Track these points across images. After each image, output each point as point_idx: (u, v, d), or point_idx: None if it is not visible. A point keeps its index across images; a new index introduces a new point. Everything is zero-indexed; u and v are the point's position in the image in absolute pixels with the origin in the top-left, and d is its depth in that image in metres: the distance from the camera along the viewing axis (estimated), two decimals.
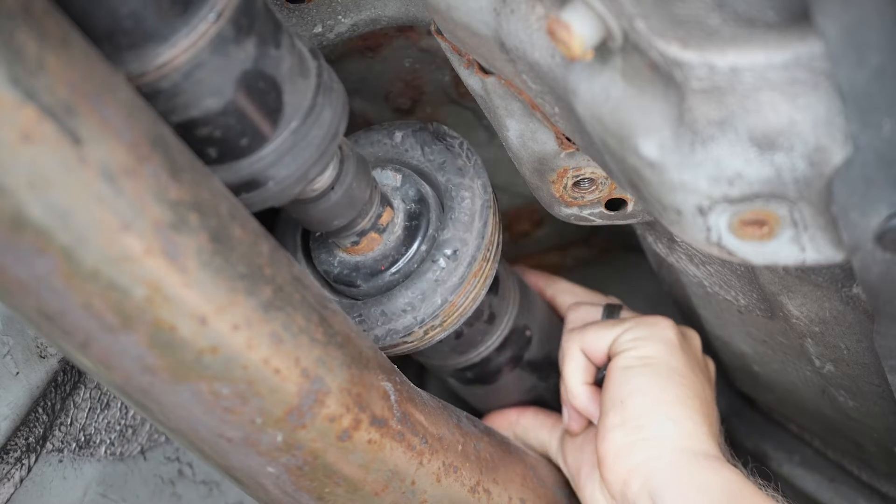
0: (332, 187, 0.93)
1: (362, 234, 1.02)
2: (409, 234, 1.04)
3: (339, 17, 1.09)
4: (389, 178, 1.07)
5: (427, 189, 1.07)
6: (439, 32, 0.95)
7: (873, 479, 1.41)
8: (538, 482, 1.17)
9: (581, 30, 0.71)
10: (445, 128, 1.09)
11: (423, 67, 1.22)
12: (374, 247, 1.04)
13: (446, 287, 1.03)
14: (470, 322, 1.14)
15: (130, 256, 0.68)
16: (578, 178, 1.03)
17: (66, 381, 1.09)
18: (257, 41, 0.78)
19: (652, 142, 0.74)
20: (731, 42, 0.67)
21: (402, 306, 1.02)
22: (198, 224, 0.72)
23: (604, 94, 0.77)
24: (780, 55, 0.65)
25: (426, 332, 1.04)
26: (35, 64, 0.62)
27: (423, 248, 1.04)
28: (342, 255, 1.05)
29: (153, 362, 0.74)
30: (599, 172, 1.01)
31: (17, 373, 1.02)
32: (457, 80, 1.21)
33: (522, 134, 0.99)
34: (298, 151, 0.84)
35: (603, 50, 0.75)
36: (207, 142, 0.80)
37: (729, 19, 0.68)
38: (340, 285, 1.06)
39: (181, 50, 0.74)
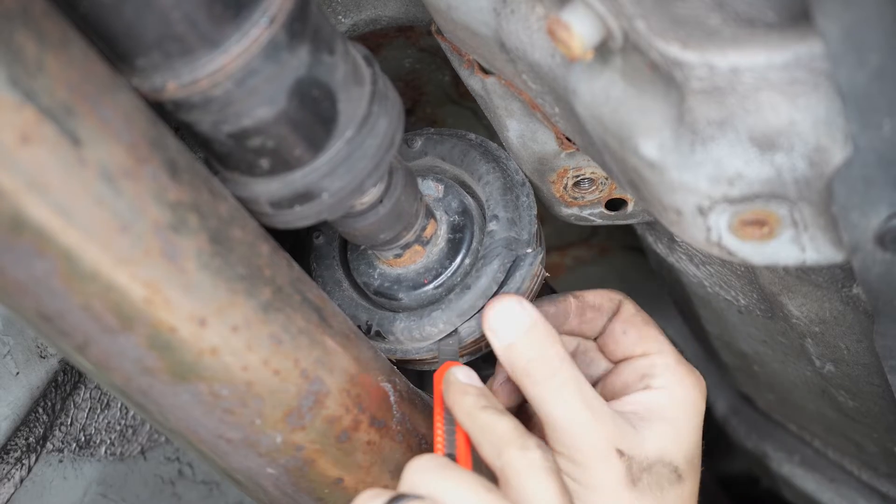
0: (380, 200, 0.90)
1: (406, 246, 0.99)
2: (453, 247, 1.01)
3: (339, 17, 1.09)
4: (431, 189, 1.03)
5: (470, 200, 1.03)
6: (440, 33, 0.95)
7: (873, 479, 1.41)
8: None
9: (581, 30, 0.71)
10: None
11: (423, 67, 1.22)
12: (416, 259, 1.01)
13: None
14: None
15: (129, 258, 0.68)
16: (578, 179, 1.03)
17: (67, 381, 1.09)
18: (311, 47, 0.75)
19: (652, 142, 0.74)
20: (732, 42, 0.67)
21: (440, 327, 0.99)
22: (197, 225, 0.71)
23: (604, 95, 0.77)
24: (781, 55, 0.65)
25: (460, 352, 1.01)
26: (34, 65, 0.62)
27: (467, 261, 1.01)
28: (383, 268, 1.02)
29: (152, 364, 0.74)
30: (599, 172, 1.01)
31: (18, 373, 1.02)
32: (457, 80, 1.21)
33: (522, 134, 0.98)
34: (353, 162, 0.81)
35: (603, 50, 0.75)
36: (260, 152, 0.77)
37: (729, 19, 0.68)
38: (380, 298, 1.03)
39: (233, 56, 0.71)
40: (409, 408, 0.94)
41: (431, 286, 1.01)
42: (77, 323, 0.70)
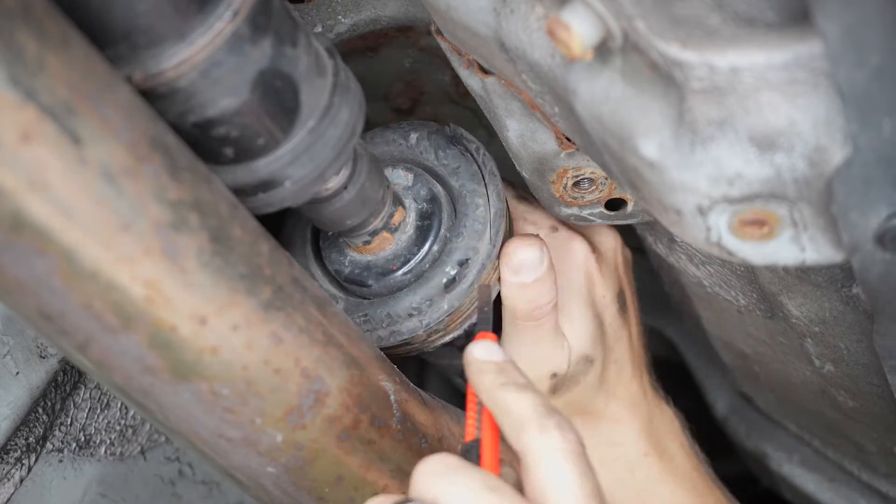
0: (345, 187, 0.93)
1: (374, 233, 1.01)
2: (421, 234, 1.04)
3: (339, 17, 1.09)
4: (401, 178, 1.06)
5: (439, 189, 1.06)
6: (439, 32, 0.95)
7: (873, 479, 1.41)
8: None
9: (581, 30, 0.71)
10: (462, 131, 1.08)
11: (423, 67, 1.22)
12: (385, 246, 1.03)
13: (454, 294, 1.02)
14: None
15: (130, 256, 0.68)
16: (578, 178, 1.03)
17: (67, 381, 1.09)
18: (274, 40, 0.78)
19: (652, 142, 0.74)
20: (731, 42, 0.67)
21: (407, 310, 1.02)
22: (198, 224, 0.72)
23: (603, 95, 0.77)
24: (780, 55, 0.65)
25: (429, 336, 1.04)
26: (35, 64, 0.62)
27: (436, 248, 1.04)
28: (353, 255, 1.05)
29: (153, 363, 0.74)
30: (599, 172, 1.01)
31: (18, 373, 1.02)
32: (457, 80, 1.21)
33: (522, 134, 0.99)
34: (315, 151, 0.83)
35: (603, 50, 0.75)
36: (224, 142, 0.80)
37: (729, 19, 0.68)
38: (351, 285, 1.05)
39: (198, 49, 0.73)
40: (409, 407, 0.94)
41: (400, 272, 1.03)
42: (78, 322, 0.70)
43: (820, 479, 1.48)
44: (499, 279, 1.06)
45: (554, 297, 1.06)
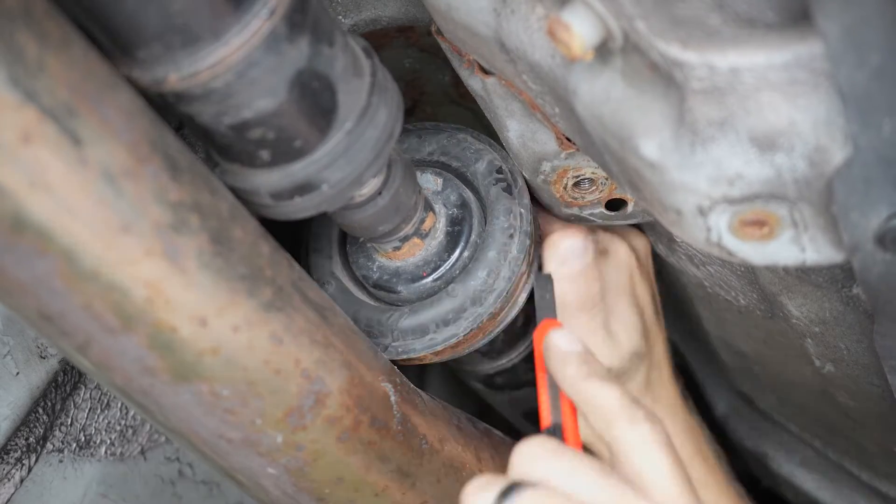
0: (379, 192, 0.91)
1: (405, 239, 1.00)
2: (452, 240, 1.02)
3: (339, 17, 1.09)
4: (430, 182, 1.04)
5: (469, 194, 1.04)
6: (440, 33, 0.95)
7: (873, 479, 1.41)
8: None
9: (581, 30, 0.71)
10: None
11: (424, 68, 1.22)
12: (415, 252, 1.01)
13: (458, 324, 1.00)
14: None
15: (131, 257, 0.68)
16: (578, 179, 1.03)
17: (67, 381, 1.09)
18: (311, 39, 0.76)
19: (652, 142, 0.74)
20: (732, 42, 0.67)
21: (414, 327, 1.00)
22: (198, 225, 0.72)
23: (604, 95, 0.77)
24: (781, 56, 0.65)
25: (437, 354, 1.02)
26: (35, 65, 0.62)
27: (466, 254, 1.02)
28: (382, 260, 1.03)
29: (153, 363, 0.74)
30: (599, 173, 1.01)
31: (18, 373, 1.02)
32: (457, 81, 1.21)
33: (523, 134, 0.99)
34: (353, 153, 0.81)
35: (603, 50, 0.75)
36: (260, 144, 0.78)
37: (729, 20, 0.68)
38: (380, 291, 1.04)
39: (234, 48, 0.71)
40: (409, 408, 0.94)
41: (430, 279, 1.02)
42: (78, 323, 0.70)
43: (820, 479, 1.48)
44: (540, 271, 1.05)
45: (601, 288, 1.06)
